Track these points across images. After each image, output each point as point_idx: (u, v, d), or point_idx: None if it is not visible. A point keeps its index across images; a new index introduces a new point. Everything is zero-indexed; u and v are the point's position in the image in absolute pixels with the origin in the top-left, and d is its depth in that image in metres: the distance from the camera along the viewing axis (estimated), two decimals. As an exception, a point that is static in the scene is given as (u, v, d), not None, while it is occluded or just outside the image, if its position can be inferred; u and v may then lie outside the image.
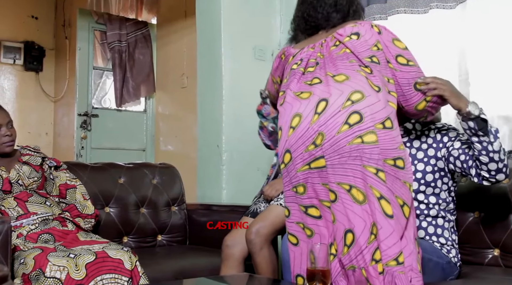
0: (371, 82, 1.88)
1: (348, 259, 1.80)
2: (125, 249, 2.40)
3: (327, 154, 1.83)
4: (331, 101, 1.85)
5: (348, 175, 1.80)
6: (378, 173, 1.79)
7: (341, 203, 1.81)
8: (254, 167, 3.49)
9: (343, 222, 1.81)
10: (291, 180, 1.93)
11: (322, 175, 1.85)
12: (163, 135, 5.65)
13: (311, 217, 1.90)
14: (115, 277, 2.29)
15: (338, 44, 2.00)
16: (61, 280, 2.16)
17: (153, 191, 3.31)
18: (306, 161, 1.87)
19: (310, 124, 1.87)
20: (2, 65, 6.03)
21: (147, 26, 6.04)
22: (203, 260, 2.83)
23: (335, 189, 1.82)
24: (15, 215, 2.51)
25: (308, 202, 1.90)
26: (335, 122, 1.83)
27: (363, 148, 1.80)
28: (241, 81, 3.55)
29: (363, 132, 1.81)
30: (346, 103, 1.84)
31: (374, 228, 1.77)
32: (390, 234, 1.76)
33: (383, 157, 1.80)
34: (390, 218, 1.77)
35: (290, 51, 2.16)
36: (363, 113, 1.82)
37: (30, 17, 6.21)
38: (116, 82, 5.84)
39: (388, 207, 1.77)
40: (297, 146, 1.89)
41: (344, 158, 1.81)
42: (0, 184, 2.56)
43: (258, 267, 2.52)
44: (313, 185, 1.88)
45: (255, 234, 2.49)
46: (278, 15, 3.75)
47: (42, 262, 2.19)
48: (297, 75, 2.02)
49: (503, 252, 2.36)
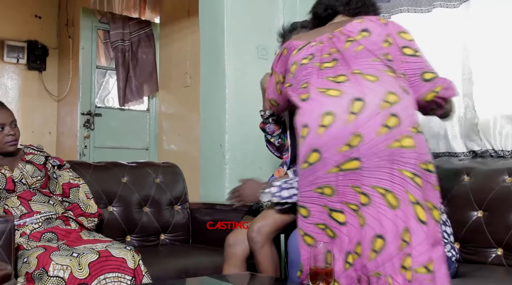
0: (400, 84, 1.85)
1: (375, 265, 1.73)
2: (128, 248, 2.40)
3: (363, 156, 1.76)
4: (368, 101, 1.78)
5: (385, 179, 1.75)
6: (415, 178, 1.75)
7: (374, 207, 1.75)
8: (257, 166, 3.49)
9: (374, 227, 1.75)
10: (316, 181, 1.84)
11: (353, 177, 1.78)
12: (166, 135, 5.66)
13: (335, 221, 1.83)
14: (118, 276, 2.29)
15: (351, 40, 1.95)
16: (64, 279, 2.16)
17: (156, 190, 3.31)
18: (338, 162, 1.79)
19: (345, 124, 1.78)
20: (6, 64, 6.04)
21: (150, 25, 6.04)
22: (206, 259, 2.84)
23: (369, 192, 1.76)
24: (19, 214, 2.52)
25: (338, 206, 1.82)
26: (374, 124, 1.76)
27: (402, 152, 1.75)
28: (244, 81, 3.54)
29: (401, 136, 1.76)
30: (383, 104, 1.78)
31: (406, 234, 1.72)
32: (423, 240, 1.72)
33: (418, 161, 1.77)
34: (424, 224, 1.73)
35: (293, 45, 2.10)
36: (400, 116, 1.77)
37: (34, 17, 6.22)
38: (119, 82, 5.84)
39: (422, 213, 1.73)
40: (329, 146, 1.80)
41: (382, 161, 1.75)
42: (3, 183, 2.56)
43: (260, 265, 2.52)
44: (341, 187, 1.80)
45: (257, 232, 2.49)
46: (282, 14, 3.74)
47: (45, 261, 2.19)
48: (314, 70, 1.95)
49: (506, 251, 2.35)
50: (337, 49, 1.95)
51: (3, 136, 2.62)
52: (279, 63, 2.17)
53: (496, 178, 2.47)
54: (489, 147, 2.70)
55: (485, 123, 2.70)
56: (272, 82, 2.26)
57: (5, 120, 2.63)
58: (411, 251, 1.71)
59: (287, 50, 2.12)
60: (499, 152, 2.67)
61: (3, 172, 2.58)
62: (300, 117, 1.91)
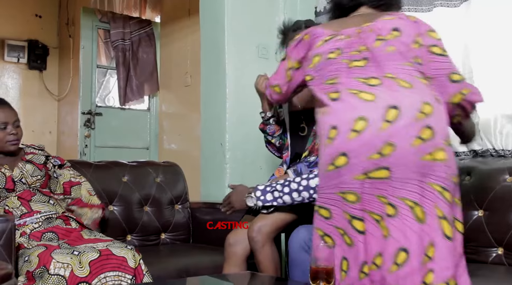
0: (433, 93, 1.80)
1: (395, 279, 1.69)
2: (129, 247, 2.40)
3: (394, 166, 1.71)
4: (403, 110, 1.72)
5: (414, 191, 1.70)
6: (444, 192, 1.72)
7: (400, 219, 1.70)
8: (257, 166, 3.49)
9: (398, 239, 1.69)
10: (340, 185, 1.78)
11: (380, 186, 1.73)
12: (167, 134, 5.66)
13: (354, 228, 1.78)
14: (119, 275, 2.29)
15: (381, 39, 1.89)
16: (65, 277, 2.16)
17: (157, 189, 3.31)
18: (366, 170, 1.73)
19: (378, 132, 1.72)
20: (6, 63, 6.04)
21: (150, 25, 6.04)
22: (207, 258, 2.84)
23: (396, 203, 1.71)
24: (19, 214, 2.52)
25: (359, 213, 1.76)
26: (408, 135, 1.71)
27: (433, 165, 1.71)
28: (244, 80, 3.54)
29: (434, 149, 1.71)
30: (419, 115, 1.72)
31: (431, 249, 1.68)
32: (446, 256, 1.68)
33: (449, 175, 1.73)
34: (449, 240, 1.69)
35: (318, 33, 2.00)
36: (435, 129, 1.72)
37: (34, 16, 6.22)
38: (120, 81, 5.84)
39: (449, 228, 1.70)
40: (359, 152, 1.73)
41: (413, 173, 1.70)
42: (3, 182, 2.56)
43: (260, 265, 2.52)
44: (366, 195, 1.75)
45: (257, 232, 2.50)
46: (282, 13, 3.74)
47: (46, 259, 2.19)
48: (342, 68, 1.87)
49: (507, 250, 2.35)
50: (367, 47, 1.89)
51: (5, 135, 2.62)
52: (296, 49, 2.07)
53: (496, 177, 2.47)
54: (490, 146, 2.70)
55: (486, 123, 2.70)
56: (283, 67, 2.16)
57: (8, 119, 2.63)
58: (434, 266, 1.67)
59: (309, 36, 2.02)
60: (500, 151, 2.67)
61: (3, 171, 2.58)
62: (329, 118, 1.83)
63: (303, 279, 2.23)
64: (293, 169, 2.65)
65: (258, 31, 3.64)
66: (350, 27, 1.96)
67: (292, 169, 2.66)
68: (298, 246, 2.31)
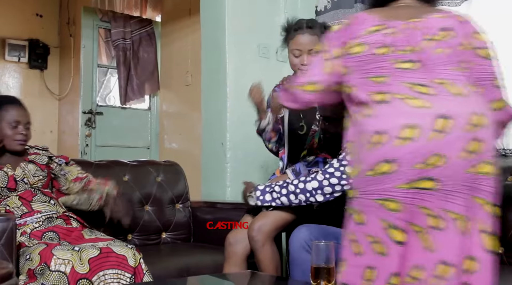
0: (483, 102, 1.75)
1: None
2: (130, 246, 2.41)
3: (440, 177, 1.65)
4: (454, 121, 1.65)
5: (459, 204, 1.66)
6: (486, 206, 1.68)
7: (444, 231, 1.65)
8: (258, 165, 3.49)
9: (440, 252, 1.64)
10: (381, 192, 1.70)
11: (424, 197, 1.66)
12: (168, 133, 5.66)
13: (391, 238, 1.70)
14: (118, 273, 2.30)
15: (429, 39, 1.79)
16: (66, 273, 2.17)
17: (158, 189, 3.31)
18: (410, 179, 1.66)
19: (427, 141, 1.65)
20: (7, 63, 6.04)
21: (151, 24, 6.04)
22: (208, 258, 2.84)
23: (441, 215, 1.66)
24: (20, 213, 2.52)
25: (400, 223, 1.68)
26: (458, 147, 1.64)
27: (480, 178, 1.66)
28: (245, 79, 3.53)
29: (482, 162, 1.66)
30: (470, 127, 1.66)
31: (470, 263, 1.65)
32: (485, 270, 1.66)
33: (493, 189, 1.69)
34: (489, 254, 1.66)
35: (364, 18, 1.87)
36: (484, 141, 1.67)
37: (35, 15, 6.22)
38: (121, 80, 5.84)
39: (490, 242, 1.67)
40: (405, 160, 1.66)
41: (459, 186, 1.65)
42: (5, 181, 2.57)
43: (261, 264, 2.52)
44: (409, 205, 1.68)
45: (257, 231, 2.50)
46: (283, 12, 3.74)
47: (47, 256, 2.20)
48: (388, 67, 1.77)
49: (508, 250, 2.35)
50: (413, 47, 1.78)
51: (15, 133, 2.63)
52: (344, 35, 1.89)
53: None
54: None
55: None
56: (320, 60, 1.95)
57: (21, 118, 2.65)
58: (472, 280, 1.64)
59: (352, 22, 1.88)
60: (501, 151, 2.67)
61: (5, 170, 2.59)
62: (374, 121, 1.73)
63: (303, 278, 2.23)
64: (292, 169, 2.65)
65: (258, 30, 3.64)
66: (396, 19, 1.84)
67: (291, 168, 2.66)
68: (299, 245, 2.31)
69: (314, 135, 2.70)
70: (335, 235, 2.32)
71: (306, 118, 2.74)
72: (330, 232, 2.36)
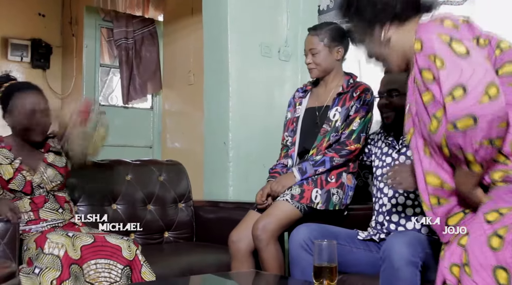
0: None
1: None
2: (126, 238, 2.40)
3: None
4: None
5: None
6: None
7: None
8: (261, 164, 3.48)
9: None
10: None
11: None
12: (170, 133, 5.66)
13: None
14: (110, 263, 2.29)
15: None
16: (60, 256, 2.17)
17: (160, 188, 3.31)
18: None
19: None
20: (10, 62, 6.05)
21: (153, 24, 6.04)
22: (210, 257, 2.84)
23: None
24: (26, 219, 2.49)
25: None
26: None
27: None
28: (248, 78, 3.54)
29: None
30: None
31: None
32: None
33: None
34: None
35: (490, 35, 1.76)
36: None
37: (37, 15, 6.22)
38: (123, 80, 5.85)
39: None
40: None
41: None
42: (22, 185, 2.51)
43: (265, 263, 2.53)
44: None
45: (262, 230, 2.50)
46: (285, 12, 3.74)
47: (42, 240, 2.21)
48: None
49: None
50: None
51: (31, 123, 2.51)
52: (472, 30, 1.72)
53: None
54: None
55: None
56: (478, 56, 1.58)
57: (35, 106, 2.51)
58: None
59: (487, 39, 1.75)
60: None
61: (24, 174, 2.52)
62: None
63: (302, 277, 2.23)
64: (298, 167, 2.66)
65: (261, 30, 3.64)
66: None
67: (297, 167, 2.67)
68: (298, 245, 2.30)
69: (325, 134, 2.70)
70: (334, 234, 2.32)
71: (321, 118, 2.76)
72: (330, 231, 2.36)
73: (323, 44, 2.75)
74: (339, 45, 2.77)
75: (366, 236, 2.41)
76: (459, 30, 1.63)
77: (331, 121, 2.71)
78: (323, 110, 2.77)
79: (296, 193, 2.59)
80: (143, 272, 2.35)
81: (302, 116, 2.84)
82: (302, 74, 3.62)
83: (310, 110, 2.83)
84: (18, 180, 2.50)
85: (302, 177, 2.63)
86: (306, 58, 2.80)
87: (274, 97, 3.61)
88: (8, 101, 2.52)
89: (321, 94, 2.83)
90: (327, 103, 2.77)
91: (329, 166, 2.64)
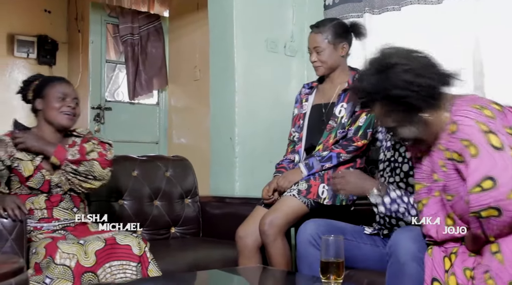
0: None
1: None
2: (134, 235, 2.41)
3: None
4: None
5: None
6: None
7: None
8: (267, 159, 3.49)
9: None
10: None
11: None
12: (176, 128, 5.66)
13: None
14: (123, 264, 2.30)
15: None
16: (71, 267, 2.18)
17: (167, 184, 3.32)
18: None
19: None
20: (16, 59, 6.06)
21: (159, 19, 6.04)
22: (217, 252, 2.85)
23: None
24: (39, 216, 2.51)
25: None
26: None
27: None
28: (253, 74, 3.54)
29: None
30: None
31: None
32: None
33: None
34: None
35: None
36: None
37: (43, 11, 6.23)
38: (129, 76, 5.86)
39: None
40: None
41: None
42: (40, 184, 2.51)
43: (272, 259, 2.53)
44: None
45: (269, 225, 2.50)
46: (291, 7, 3.73)
47: (53, 249, 2.21)
48: None
49: None
50: None
51: (62, 105, 2.56)
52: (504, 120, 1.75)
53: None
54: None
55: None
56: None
57: (68, 91, 2.60)
58: None
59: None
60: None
61: (44, 173, 2.52)
62: None
63: (310, 273, 2.23)
64: (305, 163, 2.67)
65: (267, 25, 3.64)
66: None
67: (304, 162, 2.67)
68: (305, 240, 2.30)
69: (331, 130, 2.70)
70: (341, 230, 2.32)
71: (327, 114, 2.76)
72: (337, 227, 2.36)
73: (328, 42, 2.74)
74: (343, 41, 2.76)
75: (373, 231, 2.41)
76: (496, 121, 1.67)
77: (337, 118, 2.71)
78: (329, 107, 2.77)
79: (303, 188, 2.59)
80: (149, 269, 2.36)
81: (309, 113, 2.84)
82: (308, 69, 3.61)
83: (317, 107, 2.83)
84: (37, 178, 2.51)
85: (308, 172, 2.63)
86: (311, 57, 2.79)
87: (280, 92, 3.61)
88: (43, 89, 2.61)
89: (327, 90, 2.83)
90: (333, 100, 2.77)
91: (336, 162, 2.63)
